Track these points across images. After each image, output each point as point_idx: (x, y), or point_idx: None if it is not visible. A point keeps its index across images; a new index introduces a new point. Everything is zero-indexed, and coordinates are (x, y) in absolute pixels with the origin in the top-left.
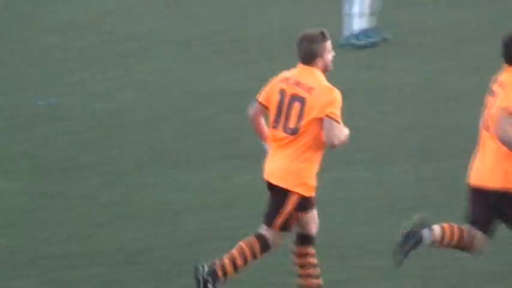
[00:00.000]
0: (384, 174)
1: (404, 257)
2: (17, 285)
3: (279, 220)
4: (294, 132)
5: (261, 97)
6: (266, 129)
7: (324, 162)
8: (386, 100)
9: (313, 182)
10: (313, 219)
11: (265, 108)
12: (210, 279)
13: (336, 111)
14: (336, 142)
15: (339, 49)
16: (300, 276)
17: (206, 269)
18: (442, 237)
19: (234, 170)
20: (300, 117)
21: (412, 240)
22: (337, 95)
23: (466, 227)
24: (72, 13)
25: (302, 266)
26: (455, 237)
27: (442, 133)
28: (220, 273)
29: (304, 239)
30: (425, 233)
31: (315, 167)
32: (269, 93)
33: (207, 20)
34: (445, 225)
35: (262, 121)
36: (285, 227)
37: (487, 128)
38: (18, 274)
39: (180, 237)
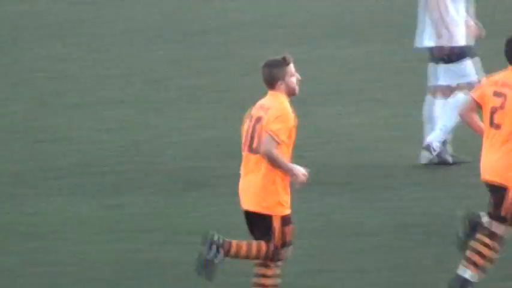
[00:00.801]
0: None
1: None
2: None
3: None
4: (256, 152)
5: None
6: None
7: None
8: None
9: (283, 200)
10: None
11: None
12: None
13: (277, 127)
14: (262, 151)
15: None
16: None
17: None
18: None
19: None
20: (258, 136)
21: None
22: (287, 115)
23: None
24: None
25: (263, 276)
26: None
27: None
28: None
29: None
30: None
31: (281, 187)
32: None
33: None
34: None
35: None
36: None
37: (497, 126)
38: None
39: None
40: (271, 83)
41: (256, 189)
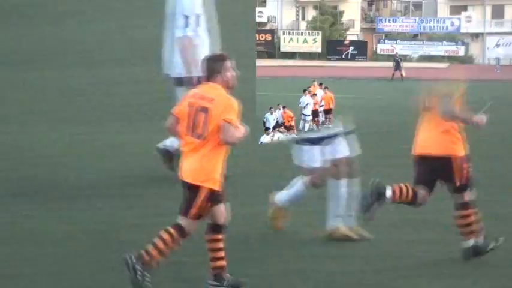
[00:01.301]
0: None
1: (368, 212)
2: None
3: (193, 211)
4: (201, 137)
5: (175, 110)
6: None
7: None
8: None
9: (218, 177)
10: (221, 212)
11: (178, 119)
12: (138, 263)
13: (232, 116)
14: (230, 140)
15: None
16: (211, 259)
17: (134, 257)
18: (399, 195)
19: None
20: (205, 124)
21: (373, 196)
22: (233, 103)
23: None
24: None
25: (212, 250)
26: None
27: None
28: (147, 258)
29: (214, 228)
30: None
31: (220, 165)
32: (181, 107)
33: None
34: (399, 185)
35: (178, 128)
36: (198, 217)
37: (430, 109)
38: None
39: None
40: (210, 75)
41: (196, 165)
